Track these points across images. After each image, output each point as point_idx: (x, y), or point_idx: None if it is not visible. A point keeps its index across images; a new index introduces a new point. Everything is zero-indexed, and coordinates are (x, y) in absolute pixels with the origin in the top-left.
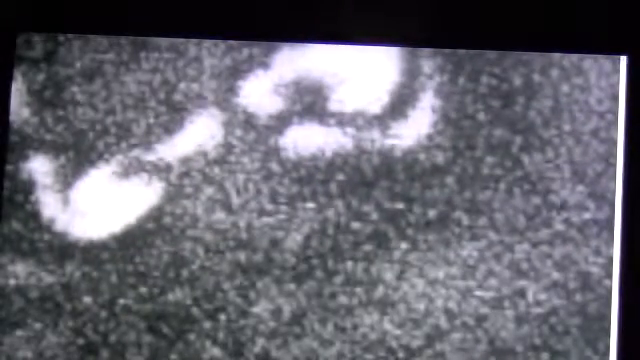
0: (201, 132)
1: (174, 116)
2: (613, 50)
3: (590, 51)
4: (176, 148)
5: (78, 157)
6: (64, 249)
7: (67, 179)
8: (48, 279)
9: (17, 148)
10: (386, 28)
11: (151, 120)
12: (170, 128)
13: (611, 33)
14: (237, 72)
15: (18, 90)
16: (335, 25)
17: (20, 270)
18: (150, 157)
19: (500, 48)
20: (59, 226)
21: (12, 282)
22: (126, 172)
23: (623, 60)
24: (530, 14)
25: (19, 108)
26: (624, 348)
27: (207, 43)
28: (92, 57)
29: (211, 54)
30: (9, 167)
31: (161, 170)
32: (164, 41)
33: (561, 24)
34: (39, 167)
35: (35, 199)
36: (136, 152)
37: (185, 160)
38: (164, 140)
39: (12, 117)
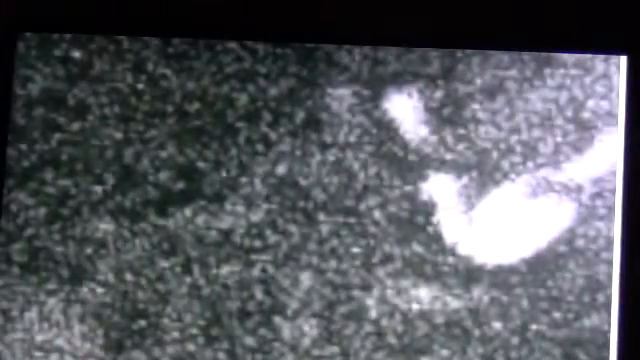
0: (612, 151)
1: (583, 134)
2: (613, 50)
3: (590, 51)
4: (587, 168)
5: (482, 177)
6: (470, 273)
7: (471, 200)
8: (454, 304)
9: (416, 168)
10: (387, 28)
11: (559, 139)
12: (579, 147)
13: (611, 33)
14: None
15: (415, 108)
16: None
17: (424, 294)
18: (559, 177)
19: (500, 48)
20: (464, 249)
21: (416, 307)
22: (534, 192)
23: (623, 60)
24: (530, 14)
25: (417, 126)
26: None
27: (614, 58)
28: (493, 73)
29: (619, 70)
30: (408, 188)
31: (571, 190)
32: (570, 57)
33: (561, 23)
34: (440, 188)
35: (437, 221)
36: (544, 172)
37: (597, 180)
38: (573, 159)
39: (410, 136)
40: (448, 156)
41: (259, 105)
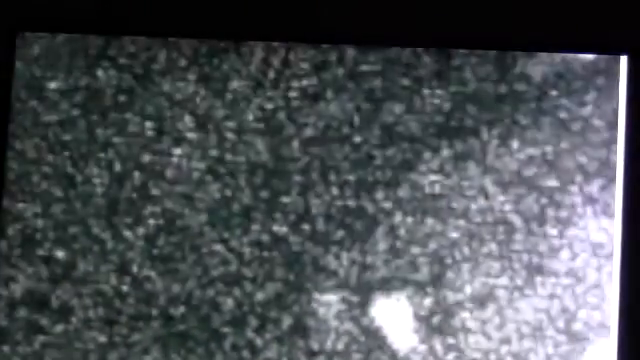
0: None
1: (575, 346)
2: (613, 50)
3: (590, 51)
4: None
5: None
6: None
7: None
8: None
9: None
10: (387, 28)
11: (550, 350)
12: (571, 359)
13: (611, 33)
14: None
15: (404, 315)
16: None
17: None
18: None
19: (500, 48)
20: None
21: None
22: None
23: (623, 60)
24: (530, 14)
25: (406, 334)
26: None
27: (606, 269)
28: (484, 281)
29: (611, 279)
30: None
31: None
32: (560, 265)
33: (562, 24)
34: None
35: None
36: None
37: None
38: None
39: (399, 344)
40: None
41: (245, 310)
